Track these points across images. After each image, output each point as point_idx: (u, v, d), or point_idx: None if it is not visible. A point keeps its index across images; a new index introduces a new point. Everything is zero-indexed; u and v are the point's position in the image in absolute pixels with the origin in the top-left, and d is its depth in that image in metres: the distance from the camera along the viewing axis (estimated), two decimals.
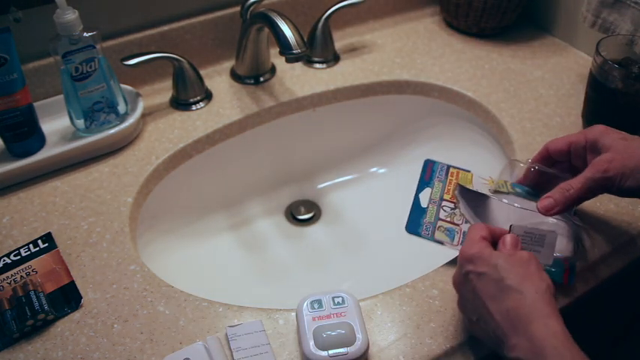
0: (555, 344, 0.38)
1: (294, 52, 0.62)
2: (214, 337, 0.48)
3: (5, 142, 0.64)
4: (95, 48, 0.63)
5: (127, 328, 0.49)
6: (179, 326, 0.49)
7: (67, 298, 0.51)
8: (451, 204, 0.56)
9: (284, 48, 0.62)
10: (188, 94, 0.75)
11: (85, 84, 0.64)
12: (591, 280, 0.54)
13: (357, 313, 0.47)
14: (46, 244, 0.56)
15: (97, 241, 0.57)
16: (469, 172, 0.59)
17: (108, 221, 0.59)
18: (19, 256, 0.54)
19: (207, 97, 0.77)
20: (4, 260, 0.54)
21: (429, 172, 0.59)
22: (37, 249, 0.55)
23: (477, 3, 0.84)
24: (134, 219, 0.62)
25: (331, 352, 0.44)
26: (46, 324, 0.49)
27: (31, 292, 0.50)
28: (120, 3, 0.72)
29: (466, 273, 0.45)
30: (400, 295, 0.52)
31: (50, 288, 0.52)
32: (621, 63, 0.65)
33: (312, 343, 0.44)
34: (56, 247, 0.56)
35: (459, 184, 0.57)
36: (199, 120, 0.73)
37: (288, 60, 0.63)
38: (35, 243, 0.56)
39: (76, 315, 0.50)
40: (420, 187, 0.58)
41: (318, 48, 0.82)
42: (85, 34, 0.62)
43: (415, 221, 0.55)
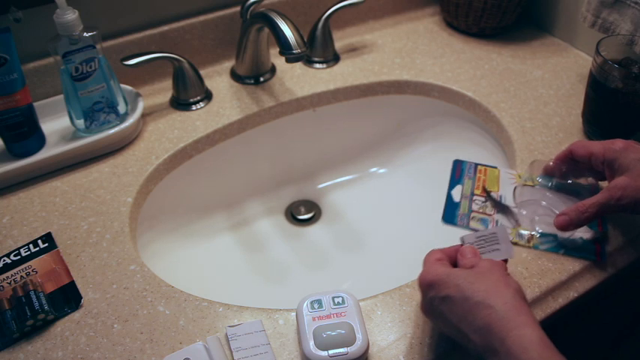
0: (533, 356, 0.38)
1: (294, 52, 0.62)
2: (214, 337, 0.48)
3: (5, 142, 0.64)
4: (95, 48, 0.63)
5: (127, 328, 0.49)
6: (179, 326, 0.49)
7: (67, 298, 0.51)
8: (482, 198, 0.62)
9: (284, 48, 0.62)
10: (188, 94, 0.75)
11: (85, 84, 0.64)
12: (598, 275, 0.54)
13: (357, 313, 0.47)
14: (46, 244, 0.56)
15: (97, 241, 0.57)
16: (496, 168, 0.64)
17: (108, 221, 0.59)
18: (19, 256, 0.54)
19: (207, 97, 0.77)
20: (4, 260, 0.54)
21: (458, 170, 0.66)
22: (37, 249, 0.55)
23: (477, 3, 0.84)
24: (134, 219, 0.62)
25: (331, 352, 0.44)
26: (46, 324, 0.49)
27: (31, 292, 0.50)
28: (120, 3, 0.72)
29: (430, 299, 0.44)
30: (400, 295, 0.52)
31: (50, 288, 0.52)
32: (621, 63, 0.65)
33: (312, 343, 0.44)
34: (56, 247, 0.56)
35: (485, 189, 0.62)
36: (199, 120, 0.73)
37: (288, 60, 0.63)
38: (35, 243, 0.56)
39: (76, 315, 0.50)
40: (452, 185, 0.64)
41: (318, 48, 0.82)
42: (85, 34, 0.62)
43: (450, 213, 0.61)
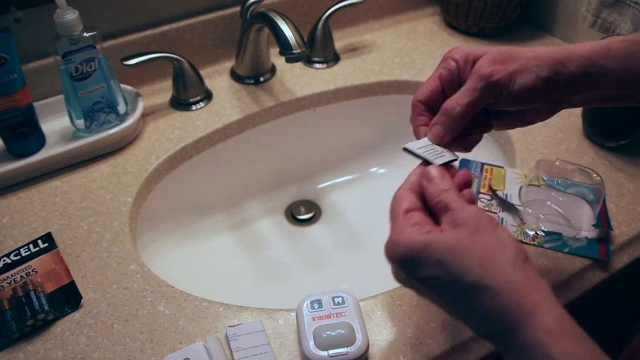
0: (553, 353, 0.30)
1: (294, 52, 0.62)
2: (214, 337, 0.48)
3: (5, 142, 0.64)
4: (95, 48, 0.63)
5: (127, 328, 0.49)
6: (179, 326, 0.49)
7: (67, 298, 0.51)
8: (488, 196, 0.62)
9: (284, 48, 0.62)
10: (188, 94, 0.75)
11: (85, 84, 0.64)
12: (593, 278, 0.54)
13: (357, 313, 0.47)
14: (46, 244, 0.56)
15: (97, 241, 0.57)
16: (502, 167, 0.65)
17: (108, 221, 0.59)
18: (19, 256, 0.54)
19: (207, 97, 0.77)
20: (4, 260, 0.54)
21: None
22: (37, 249, 0.55)
23: (477, 3, 0.84)
24: (134, 219, 0.62)
25: (331, 352, 0.44)
26: (46, 324, 0.49)
27: (31, 292, 0.50)
28: (120, 3, 0.72)
29: (407, 279, 0.36)
30: (400, 295, 0.52)
31: (50, 288, 0.52)
32: None
33: (312, 343, 0.44)
34: (56, 247, 0.56)
35: (491, 188, 0.62)
36: (199, 120, 0.73)
37: (288, 60, 0.63)
38: (35, 243, 0.56)
39: (76, 315, 0.50)
40: None
41: (318, 48, 0.82)
42: (85, 34, 0.62)
43: None
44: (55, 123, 0.69)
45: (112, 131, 0.66)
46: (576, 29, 0.84)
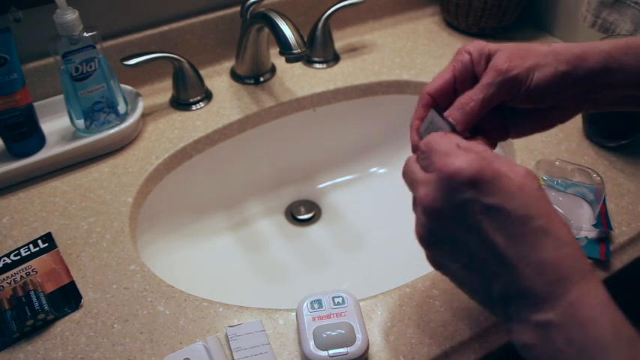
0: (611, 315, 0.30)
1: (294, 52, 0.62)
2: (214, 337, 0.48)
3: (5, 142, 0.64)
4: (95, 48, 0.63)
5: (127, 328, 0.49)
6: (179, 326, 0.49)
7: (67, 298, 0.51)
8: None
9: (284, 48, 0.62)
10: (188, 94, 0.75)
11: (85, 84, 0.64)
12: None
13: (357, 313, 0.47)
14: (46, 244, 0.56)
15: (97, 241, 0.57)
16: None
17: (108, 221, 0.59)
18: (19, 256, 0.54)
19: (207, 97, 0.77)
20: (4, 260, 0.54)
21: None
22: (37, 249, 0.55)
23: (477, 3, 0.84)
24: (134, 219, 0.62)
25: (331, 352, 0.44)
26: (46, 324, 0.49)
27: (31, 292, 0.50)
28: (120, 3, 0.72)
29: (465, 202, 0.32)
30: (400, 295, 0.52)
31: (50, 288, 0.52)
32: None
33: (312, 343, 0.44)
34: (56, 247, 0.56)
35: None
36: (199, 120, 0.73)
37: (288, 60, 0.63)
38: (35, 243, 0.56)
39: (76, 315, 0.50)
40: None
41: (318, 48, 0.82)
42: (85, 34, 0.62)
43: None
44: (55, 123, 0.69)
45: (112, 131, 0.66)
46: (576, 29, 0.84)
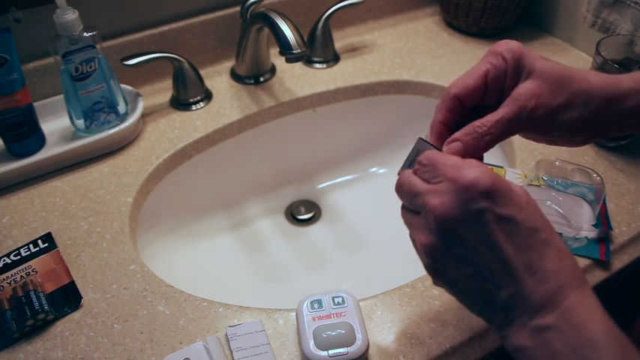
0: (604, 319, 0.32)
1: (294, 52, 0.62)
2: (214, 337, 0.48)
3: (5, 142, 0.64)
4: (95, 48, 0.63)
5: (127, 328, 0.49)
6: (179, 326, 0.49)
7: (67, 298, 0.51)
8: None
9: (284, 48, 0.62)
10: (188, 94, 0.75)
11: (85, 84, 0.64)
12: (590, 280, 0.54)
13: (357, 313, 0.47)
14: (46, 244, 0.56)
15: (97, 241, 0.57)
16: (502, 167, 0.64)
17: (108, 221, 0.59)
18: (19, 256, 0.54)
19: (207, 97, 0.77)
20: (4, 260, 0.54)
21: None
22: (37, 249, 0.55)
23: (477, 3, 0.84)
24: (134, 219, 0.62)
25: (331, 352, 0.44)
26: (46, 324, 0.49)
27: (31, 292, 0.50)
28: (120, 3, 0.72)
29: (480, 211, 0.33)
30: (400, 295, 0.52)
31: (50, 288, 0.52)
32: (621, 63, 0.65)
33: (312, 343, 0.44)
34: (56, 247, 0.56)
35: None
36: (199, 120, 0.73)
37: (288, 60, 0.63)
38: (35, 243, 0.56)
39: (76, 315, 0.50)
40: None
41: (318, 48, 0.82)
42: (85, 34, 0.62)
43: None
44: (55, 123, 0.69)
45: (112, 131, 0.66)
46: (576, 29, 0.84)
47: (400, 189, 0.38)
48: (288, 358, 0.47)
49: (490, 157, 0.75)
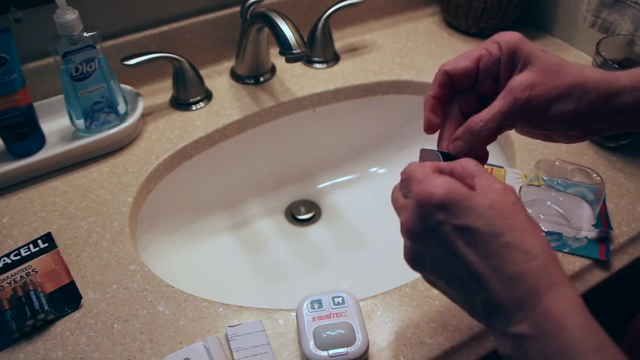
0: (578, 323, 0.31)
1: (294, 52, 0.62)
2: (214, 337, 0.48)
3: (5, 142, 0.64)
4: (95, 48, 0.63)
5: (127, 328, 0.49)
6: (179, 326, 0.49)
7: (67, 298, 0.51)
8: None
9: (284, 48, 0.62)
10: (188, 94, 0.75)
11: (85, 84, 0.64)
12: (591, 280, 0.54)
13: (357, 313, 0.47)
14: (46, 244, 0.56)
15: (97, 241, 0.57)
16: (502, 168, 0.64)
17: (108, 221, 0.59)
18: (19, 256, 0.54)
19: (207, 97, 0.77)
20: (4, 260, 0.54)
21: None
22: (37, 249, 0.55)
23: (477, 3, 0.84)
24: (134, 219, 0.62)
25: (331, 352, 0.44)
26: (46, 324, 0.49)
27: (31, 292, 0.50)
28: (120, 3, 0.72)
29: (436, 223, 0.33)
30: (400, 295, 0.52)
31: (50, 288, 0.52)
32: (621, 63, 0.65)
33: (312, 343, 0.44)
34: (56, 247, 0.56)
35: None
36: (199, 120, 0.73)
37: (288, 60, 0.63)
38: (35, 243, 0.56)
39: (76, 315, 0.50)
40: None
41: (318, 48, 0.82)
42: (85, 34, 0.62)
43: None
44: (55, 123, 0.69)
45: (112, 131, 0.66)
46: (576, 29, 0.84)
47: (392, 204, 0.39)
48: (288, 358, 0.47)
49: (490, 157, 0.75)
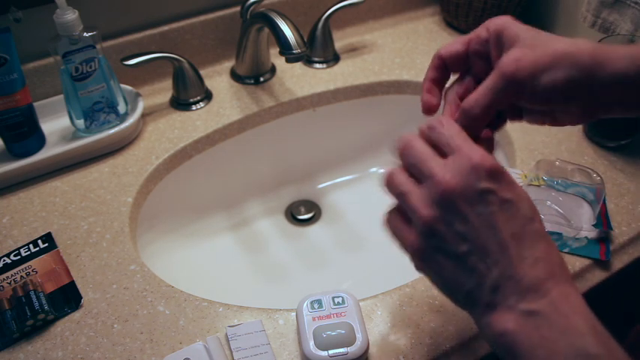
0: (589, 322, 0.32)
1: (294, 52, 0.62)
2: (214, 337, 0.48)
3: (5, 142, 0.64)
4: (95, 48, 0.63)
5: (127, 328, 0.49)
6: (179, 326, 0.49)
7: (67, 298, 0.51)
8: None
9: (284, 48, 0.62)
10: (188, 94, 0.75)
11: (85, 84, 0.64)
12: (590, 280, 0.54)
13: (357, 313, 0.47)
14: (46, 244, 0.56)
15: (97, 241, 0.57)
16: None
17: (108, 221, 0.59)
18: (19, 256, 0.54)
19: (207, 97, 0.77)
20: (4, 260, 0.54)
21: None
22: (37, 249, 0.55)
23: (477, 3, 0.84)
24: (134, 219, 0.62)
25: (331, 352, 0.44)
26: (46, 324, 0.49)
27: (31, 292, 0.50)
28: (120, 3, 0.72)
29: (486, 191, 0.34)
30: (400, 295, 0.52)
31: (50, 288, 0.52)
32: None
33: (312, 343, 0.44)
34: (56, 247, 0.56)
35: None
36: (199, 120, 0.73)
37: (288, 60, 0.63)
38: (35, 243, 0.56)
39: (76, 315, 0.50)
40: None
41: (318, 48, 0.82)
42: (85, 34, 0.62)
43: None
44: (55, 123, 0.69)
45: (112, 131, 0.66)
46: (576, 29, 0.84)
47: (405, 151, 0.38)
48: (288, 358, 0.47)
49: None
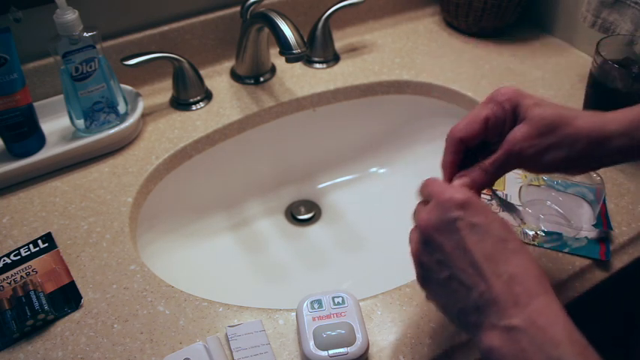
0: (566, 335, 0.34)
1: (294, 52, 0.62)
2: (214, 337, 0.48)
3: (5, 142, 0.64)
4: (95, 48, 0.63)
5: (127, 328, 0.49)
6: (179, 326, 0.49)
7: (67, 298, 0.51)
8: (488, 196, 0.61)
9: (284, 48, 0.62)
10: (188, 94, 0.75)
11: (85, 84, 0.64)
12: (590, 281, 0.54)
13: (357, 313, 0.47)
14: (46, 244, 0.56)
15: (97, 241, 0.57)
16: None
17: (108, 221, 0.59)
18: (19, 256, 0.54)
19: (207, 97, 0.77)
20: (4, 260, 0.54)
21: None
22: (37, 249, 0.55)
23: (477, 3, 0.84)
24: (134, 219, 0.62)
25: (331, 352, 0.44)
26: (46, 324, 0.49)
27: (31, 292, 0.50)
28: (120, 3, 0.72)
29: (454, 220, 0.38)
30: (400, 295, 0.52)
31: (50, 288, 0.52)
32: (621, 63, 0.65)
33: (312, 343, 0.44)
34: (56, 247, 0.56)
35: (491, 188, 0.62)
36: (199, 120, 0.73)
37: (288, 60, 0.63)
38: (35, 243, 0.56)
39: (76, 315, 0.50)
40: None
41: (318, 48, 0.82)
42: (85, 34, 0.62)
43: None
44: (55, 123, 0.69)
45: (112, 131, 0.66)
46: (576, 29, 0.84)
47: (412, 217, 0.44)
48: (288, 358, 0.47)
49: None
